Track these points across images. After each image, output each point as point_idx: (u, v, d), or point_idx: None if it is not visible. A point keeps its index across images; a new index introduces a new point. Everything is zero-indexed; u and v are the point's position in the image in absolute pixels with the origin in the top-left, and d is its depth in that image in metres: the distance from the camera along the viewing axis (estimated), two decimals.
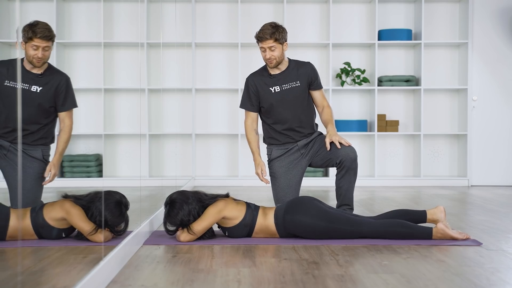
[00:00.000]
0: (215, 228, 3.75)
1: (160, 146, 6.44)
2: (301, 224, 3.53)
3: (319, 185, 7.16)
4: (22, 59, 3.83)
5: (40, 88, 3.89)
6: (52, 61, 3.96)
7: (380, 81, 7.40)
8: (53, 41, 3.75)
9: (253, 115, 4.56)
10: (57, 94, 3.96)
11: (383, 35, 7.36)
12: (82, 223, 3.33)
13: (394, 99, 7.59)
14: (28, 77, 3.84)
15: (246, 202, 3.64)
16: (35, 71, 3.85)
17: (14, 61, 3.77)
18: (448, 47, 7.56)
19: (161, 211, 4.04)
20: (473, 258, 3.13)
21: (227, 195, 3.65)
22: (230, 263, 3.03)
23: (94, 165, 5.91)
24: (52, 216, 3.38)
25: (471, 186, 7.33)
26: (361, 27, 7.57)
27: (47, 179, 4.03)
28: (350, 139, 7.47)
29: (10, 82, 3.77)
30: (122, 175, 5.81)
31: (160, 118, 6.27)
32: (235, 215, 3.56)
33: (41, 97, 3.90)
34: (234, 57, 7.51)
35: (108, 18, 5.15)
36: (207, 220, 3.52)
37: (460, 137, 7.51)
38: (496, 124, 7.43)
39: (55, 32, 3.78)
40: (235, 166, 7.50)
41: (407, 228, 3.53)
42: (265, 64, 4.52)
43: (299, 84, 4.46)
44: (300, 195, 4.55)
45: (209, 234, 3.60)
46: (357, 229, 3.54)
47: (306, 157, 4.50)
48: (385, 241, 3.50)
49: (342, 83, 7.34)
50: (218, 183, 7.25)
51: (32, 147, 4.01)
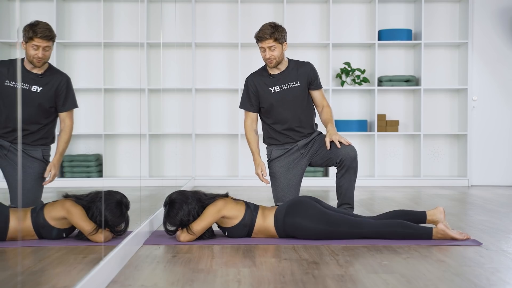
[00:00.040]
0: (215, 228, 3.76)
1: (160, 146, 6.44)
2: (301, 227, 3.53)
3: (319, 185, 7.16)
4: (23, 59, 3.83)
5: (41, 88, 3.89)
6: (52, 61, 3.96)
7: (380, 81, 7.40)
8: (53, 41, 3.75)
9: (253, 115, 4.56)
10: (57, 94, 3.96)
11: (383, 35, 7.36)
12: (83, 223, 3.33)
13: (394, 99, 7.59)
14: (29, 77, 3.84)
15: (245, 202, 3.64)
16: (35, 71, 3.85)
17: (14, 61, 3.77)
18: (448, 47, 7.56)
19: (161, 211, 4.04)
20: (473, 258, 3.13)
21: (226, 195, 3.65)
22: (230, 263, 3.03)
23: (94, 165, 5.91)
24: (53, 216, 3.37)
25: (471, 186, 7.33)
26: (361, 27, 7.57)
27: (47, 179, 4.03)
28: (350, 139, 7.46)
29: (11, 82, 3.77)
30: (122, 175, 5.81)
31: (160, 118, 6.27)
32: (234, 214, 3.56)
33: (41, 97, 3.90)
34: (234, 57, 7.51)
35: (108, 18, 5.15)
36: (206, 219, 3.52)
37: (460, 137, 7.51)
38: (496, 124, 7.43)
39: (55, 32, 3.78)
40: (235, 166, 7.51)
41: (407, 228, 3.53)
42: (264, 64, 4.52)
43: (298, 84, 4.46)
44: (300, 195, 4.55)
45: (209, 234, 3.61)
46: (357, 230, 3.54)
47: (306, 157, 4.49)
48: (385, 241, 3.50)
49: (342, 83, 7.34)
50: (218, 183, 7.25)
51: (32, 147, 4.01)
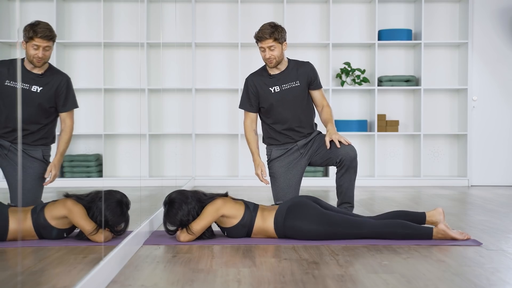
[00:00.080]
0: (215, 228, 3.75)
1: (160, 146, 6.44)
2: (302, 230, 3.52)
3: (319, 185, 7.16)
4: (23, 59, 3.83)
5: (41, 88, 3.89)
6: (52, 61, 3.96)
7: (380, 81, 7.40)
8: (54, 41, 3.76)
9: (252, 115, 4.56)
10: (57, 94, 3.96)
11: (383, 35, 7.36)
12: (84, 222, 3.33)
13: (394, 99, 7.59)
14: (29, 77, 3.84)
15: (245, 202, 3.63)
16: (35, 71, 3.85)
17: (14, 61, 3.77)
18: (448, 47, 7.56)
19: (161, 211, 4.04)
20: (473, 258, 3.13)
21: (226, 195, 3.65)
22: (230, 263, 3.03)
23: (94, 165, 5.91)
24: (53, 215, 3.37)
25: (471, 186, 7.33)
26: (361, 27, 7.57)
27: (47, 179, 4.03)
28: (350, 139, 7.46)
29: (11, 82, 3.77)
30: (122, 175, 5.81)
31: (160, 118, 6.27)
32: (233, 213, 3.55)
33: (41, 97, 3.90)
34: (234, 57, 7.51)
35: (108, 18, 5.15)
36: (205, 219, 3.52)
37: (460, 137, 7.51)
38: (496, 124, 7.43)
39: (55, 32, 3.78)
40: (235, 166, 7.50)
41: (407, 229, 3.52)
42: (264, 64, 4.52)
43: (298, 84, 4.46)
44: (299, 194, 4.55)
45: (208, 234, 3.60)
46: (358, 230, 3.53)
47: (306, 157, 4.50)
48: (385, 241, 3.50)
49: (342, 83, 7.34)
50: (218, 183, 7.25)
51: (32, 147, 4.01)
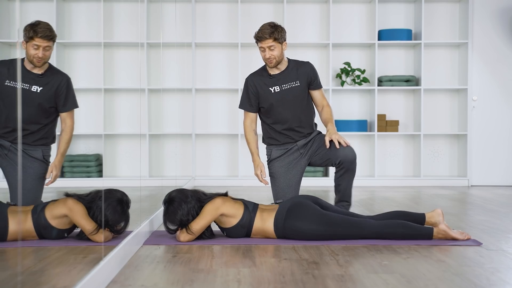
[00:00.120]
0: (215, 228, 3.75)
1: (160, 146, 6.44)
2: (302, 231, 3.52)
3: (319, 185, 7.16)
4: (23, 59, 3.83)
5: (41, 88, 3.89)
6: (52, 61, 3.96)
7: (380, 81, 7.40)
8: (54, 41, 3.76)
9: (252, 115, 4.56)
10: (57, 94, 3.96)
11: (383, 35, 7.36)
12: (84, 221, 3.33)
13: (394, 99, 7.59)
14: (29, 77, 3.84)
15: (244, 203, 3.62)
16: (35, 71, 3.85)
17: (14, 61, 3.77)
18: (448, 47, 7.56)
19: (161, 211, 4.04)
20: (473, 258, 3.13)
21: (225, 194, 3.65)
22: (230, 263, 3.03)
23: (94, 165, 5.91)
24: (54, 214, 3.36)
25: (471, 186, 7.32)
26: (361, 27, 7.57)
27: (48, 180, 4.02)
28: (350, 139, 7.47)
29: (11, 82, 3.77)
30: (122, 175, 5.81)
31: (160, 118, 6.27)
32: (232, 212, 3.55)
33: (41, 97, 3.90)
34: (234, 57, 7.51)
35: (108, 18, 5.15)
36: (205, 218, 3.51)
37: (460, 137, 7.51)
38: (496, 124, 7.43)
39: (55, 32, 3.78)
40: (235, 166, 7.50)
41: (408, 229, 3.52)
42: (264, 64, 4.52)
43: (298, 84, 4.46)
44: (299, 194, 4.55)
45: (208, 234, 3.60)
46: (358, 230, 3.53)
47: (306, 157, 4.50)
48: (385, 241, 3.50)
49: (342, 83, 7.34)
50: (218, 183, 7.25)
51: (32, 147, 4.01)
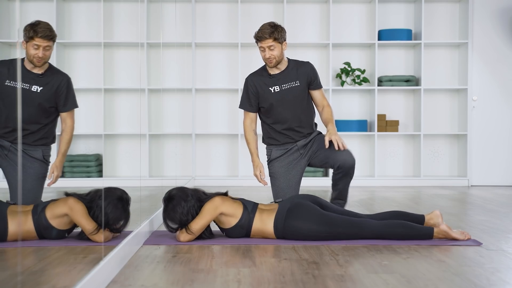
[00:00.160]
0: (215, 228, 3.75)
1: (160, 146, 6.44)
2: (302, 231, 3.52)
3: (319, 185, 7.16)
4: (23, 59, 3.83)
5: (41, 88, 3.89)
6: (52, 61, 3.96)
7: (380, 81, 7.40)
8: (54, 41, 3.76)
9: (252, 115, 4.56)
10: (58, 94, 3.96)
11: (383, 35, 7.36)
12: (85, 221, 3.32)
13: (394, 99, 7.59)
14: (29, 77, 3.84)
15: (243, 203, 3.61)
16: (35, 71, 3.85)
17: (14, 61, 3.77)
18: (448, 47, 7.56)
19: (161, 211, 4.04)
20: (473, 258, 3.13)
21: (225, 194, 3.64)
22: (230, 263, 3.03)
23: (94, 165, 5.91)
24: (55, 213, 3.35)
25: (471, 186, 7.32)
26: (361, 27, 7.57)
27: (50, 180, 4.02)
28: (350, 139, 7.47)
29: (11, 82, 3.77)
30: (122, 175, 5.81)
31: (160, 118, 6.27)
32: (232, 212, 3.54)
33: (42, 97, 3.90)
34: (234, 57, 7.51)
35: (108, 18, 5.15)
36: (204, 217, 3.51)
37: (460, 137, 7.51)
38: (496, 124, 7.43)
39: (55, 32, 3.78)
40: (235, 166, 7.50)
41: (408, 229, 3.52)
42: (264, 64, 4.52)
43: (298, 84, 4.46)
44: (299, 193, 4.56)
45: (207, 233, 3.60)
46: (359, 230, 3.52)
47: (306, 157, 4.51)
48: (385, 241, 3.50)
49: (342, 83, 7.34)
50: (218, 183, 7.25)
51: (32, 147, 4.01)
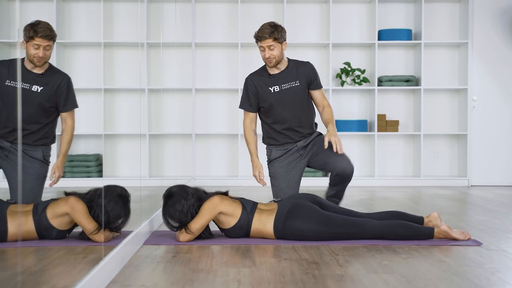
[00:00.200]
0: (215, 228, 3.75)
1: (160, 146, 6.44)
2: (302, 231, 3.52)
3: (319, 185, 7.15)
4: (23, 59, 3.83)
5: (41, 88, 3.89)
6: (52, 61, 3.96)
7: (380, 81, 7.40)
8: (54, 40, 3.76)
9: (252, 115, 4.57)
10: (58, 94, 3.96)
11: (383, 35, 7.36)
12: (85, 220, 3.32)
13: (394, 99, 7.59)
14: (29, 77, 3.84)
15: (242, 203, 3.60)
16: (36, 70, 3.85)
17: (14, 61, 3.77)
18: (448, 47, 7.56)
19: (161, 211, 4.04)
20: (473, 258, 3.13)
21: (225, 193, 3.64)
22: (230, 263, 3.03)
23: (94, 165, 5.90)
24: (56, 212, 3.34)
25: (471, 186, 7.32)
26: (361, 27, 7.57)
27: (51, 181, 4.02)
28: (350, 139, 7.47)
29: (11, 82, 3.77)
30: (122, 175, 5.81)
31: (160, 118, 6.28)
32: (231, 211, 3.54)
33: (42, 97, 3.90)
34: (234, 57, 7.51)
35: (108, 18, 5.15)
36: (203, 217, 3.51)
37: (460, 137, 7.51)
38: (496, 124, 7.43)
39: (55, 32, 3.78)
40: (235, 166, 7.50)
41: (409, 229, 3.52)
42: (264, 64, 4.52)
43: (298, 84, 4.46)
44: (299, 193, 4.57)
45: (206, 233, 3.59)
46: (359, 231, 3.52)
47: (305, 158, 4.52)
48: (385, 241, 3.50)
49: (342, 83, 7.34)
50: (218, 183, 7.24)
51: (32, 147, 4.01)
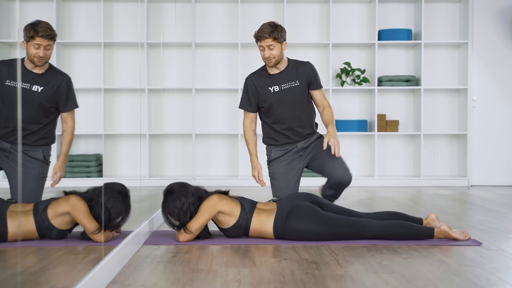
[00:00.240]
0: (214, 228, 3.75)
1: (160, 146, 6.45)
2: (302, 231, 3.52)
3: (319, 185, 7.14)
4: (23, 59, 3.83)
5: (41, 88, 3.89)
6: (52, 61, 3.96)
7: (380, 81, 7.40)
8: (54, 40, 3.76)
9: (252, 115, 4.57)
10: (58, 94, 3.96)
11: (383, 35, 7.36)
12: (86, 220, 3.32)
13: (394, 99, 7.59)
14: (29, 77, 3.84)
15: (241, 203, 3.59)
16: (36, 70, 3.85)
17: (14, 61, 3.78)
18: (448, 47, 7.56)
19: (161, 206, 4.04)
20: (473, 258, 3.13)
21: (225, 192, 3.63)
22: (230, 263, 3.03)
23: (94, 165, 5.90)
24: (57, 212, 3.34)
25: (471, 186, 7.32)
26: (361, 27, 7.57)
27: (53, 181, 4.03)
28: (350, 139, 7.47)
29: (11, 82, 3.77)
30: (122, 175, 5.81)
31: (160, 118, 6.28)
32: (230, 210, 3.53)
33: (42, 97, 3.90)
34: (234, 57, 7.51)
35: (108, 18, 5.15)
36: (202, 216, 3.50)
37: (460, 137, 7.51)
38: (496, 124, 7.43)
39: (56, 32, 3.78)
40: (235, 166, 7.50)
41: (409, 229, 3.52)
42: (264, 64, 4.52)
43: (298, 84, 4.46)
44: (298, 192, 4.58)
45: (204, 233, 3.58)
46: (359, 231, 3.52)
47: (304, 160, 4.54)
48: (385, 241, 3.50)
49: (342, 83, 7.34)
50: (218, 183, 7.24)
51: (33, 147, 4.01)
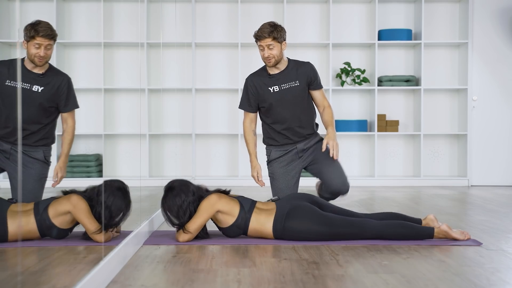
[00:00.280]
0: (214, 228, 3.75)
1: (160, 146, 6.45)
2: (302, 232, 3.51)
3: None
4: (23, 59, 3.83)
5: (42, 88, 3.89)
6: (52, 61, 3.97)
7: (380, 81, 7.40)
8: (55, 40, 3.76)
9: (252, 115, 4.57)
10: (58, 94, 3.96)
11: (383, 35, 7.36)
12: (87, 220, 3.31)
13: (394, 99, 7.59)
14: (30, 77, 3.84)
15: (240, 202, 3.59)
16: (36, 70, 3.85)
17: (14, 61, 3.78)
18: (448, 47, 7.56)
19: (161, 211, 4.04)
20: (473, 258, 3.13)
21: (225, 192, 3.63)
22: (230, 263, 3.03)
23: (94, 165, 5.91)
24: (58, 211, 3.33)
25: (471, 186, 7.33)
26: (361, 27, 7.57)
27: (54, 181, 4.03)
28: (350, 139, 7.47)
29: (11, 82, 3.77)
30: (122, 175, 5.81)
31: (160, 118, 6.28)
32: (228, 209, 3.52)
33: (42, 97, 3.90)
34: (234, 57, 7.51)
35: (108, 18, 5.15)
36: (201, 216, 3.50)
37: (460, 137, 7.51)
38: (496, 124, 7.43)
39: (56, 31, 3.79)
40: (235, 166, 7.50)
41: (409, 229, 3.52)
42: (264, 64, 4.52)
43: (298, 84, 4.46)
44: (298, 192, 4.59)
45: (202, 233, 3.57)
46: (359, 231, 3.52)
47: (303, 162, 4.56)
48: (385, 241, 3.50)
49: (342, 83, 7.34)
50: (218, 183, 7.21)
51: (33, 148, 4.01)
